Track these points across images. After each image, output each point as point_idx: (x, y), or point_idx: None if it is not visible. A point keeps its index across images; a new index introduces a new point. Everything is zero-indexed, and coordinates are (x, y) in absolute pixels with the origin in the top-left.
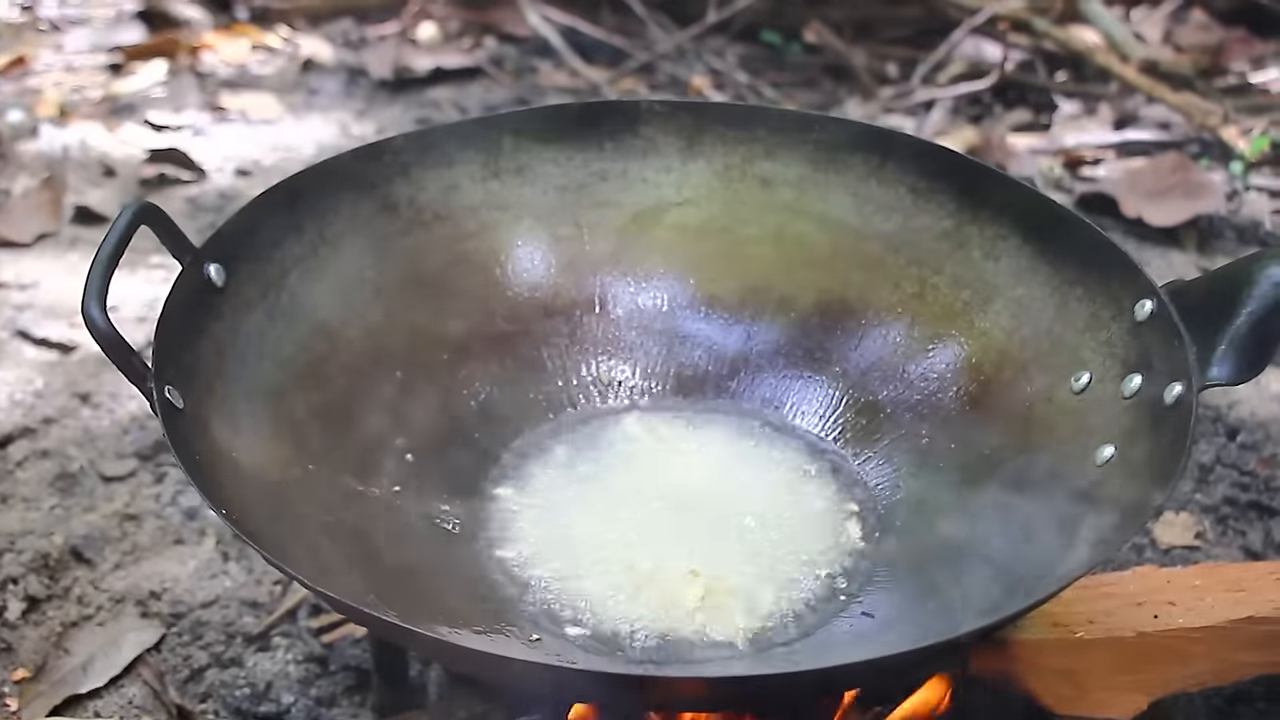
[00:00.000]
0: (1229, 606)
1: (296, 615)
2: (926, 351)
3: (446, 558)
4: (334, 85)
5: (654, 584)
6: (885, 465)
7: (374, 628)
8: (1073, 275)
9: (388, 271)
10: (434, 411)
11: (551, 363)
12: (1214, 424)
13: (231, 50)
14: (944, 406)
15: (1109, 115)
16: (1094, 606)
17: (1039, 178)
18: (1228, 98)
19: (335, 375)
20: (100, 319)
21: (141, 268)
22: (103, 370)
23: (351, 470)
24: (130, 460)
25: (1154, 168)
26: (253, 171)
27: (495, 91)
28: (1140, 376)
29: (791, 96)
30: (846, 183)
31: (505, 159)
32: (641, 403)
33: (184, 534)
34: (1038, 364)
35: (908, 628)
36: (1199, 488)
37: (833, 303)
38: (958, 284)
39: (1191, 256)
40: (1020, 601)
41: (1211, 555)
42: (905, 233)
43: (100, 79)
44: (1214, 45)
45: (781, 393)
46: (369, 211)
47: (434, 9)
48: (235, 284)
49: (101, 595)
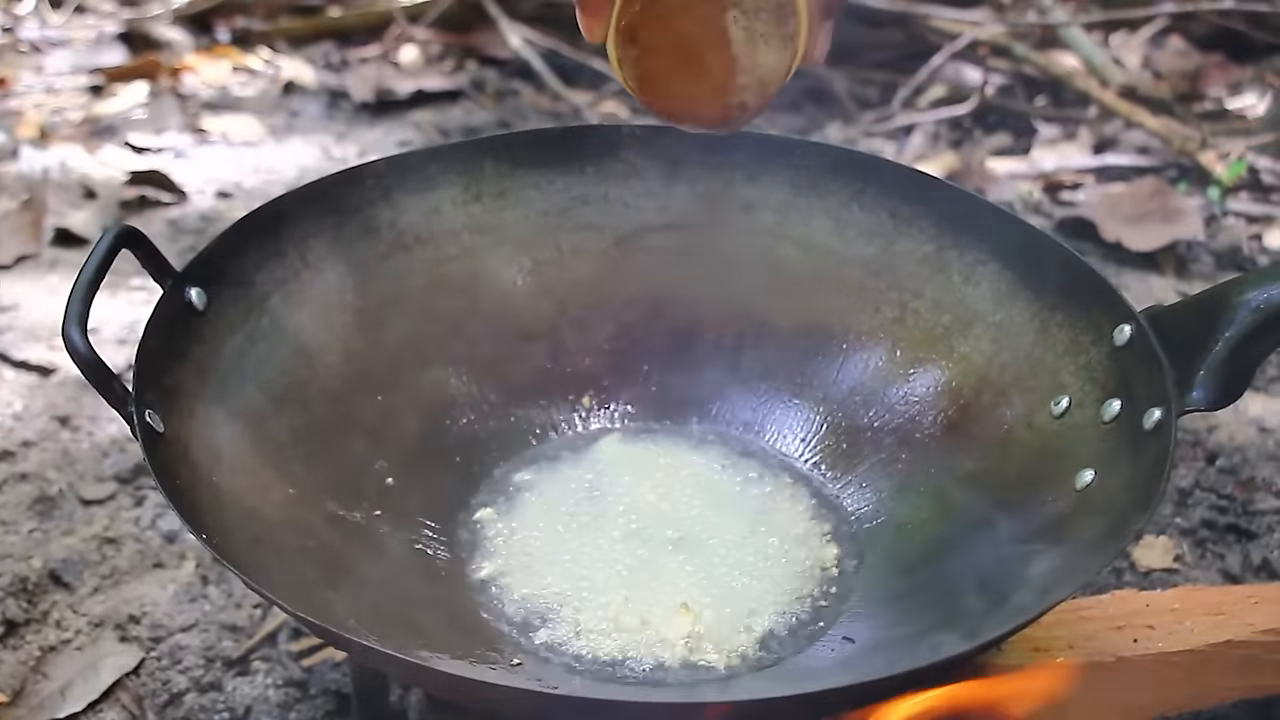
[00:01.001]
0: (1208, 630)
1: (276, 639)
2: (907, 376)
3: (427, 582)
4: (315, 108)
5: (637, 610)
6: (866, 489)
7: (354, 652)
8: (1052, 300)
9: (369, 295)
10: (415, 435)
11: (533, 386)
12: (1193, 448)
13: (213, 72)
14: (924, 430)
15: (1088, 140)
16: (1074, 630)
17: (1019, 202)
18: (1205, 123)
19: (316, 399)
20: (81, 343)
21: (122, 290)
22: (83, 393)
23: (332, 494)
24: (110, 483)
25: (1133, 192)
26: (234, 194)
27: (477, 114)
28: (1119, 401)
29: (773, 120)
30: (828, 208)
31: (486, 183)
32: (623, 426)
33: (163, 558)
34: (1018, 388)
35: (889, 652)
36: (1178, 511)
37: (814, 327)
38: (938, 309)
39: (1170, 281)
40: (1001, 626)
41: (1190, 578)
42: (886, 257)
43: (81, 101)
44: (1192, 71)
45: (763, 417)
46: (350, 235)
47: (415, 32)
48: (216, 307)
49: (80, 619)
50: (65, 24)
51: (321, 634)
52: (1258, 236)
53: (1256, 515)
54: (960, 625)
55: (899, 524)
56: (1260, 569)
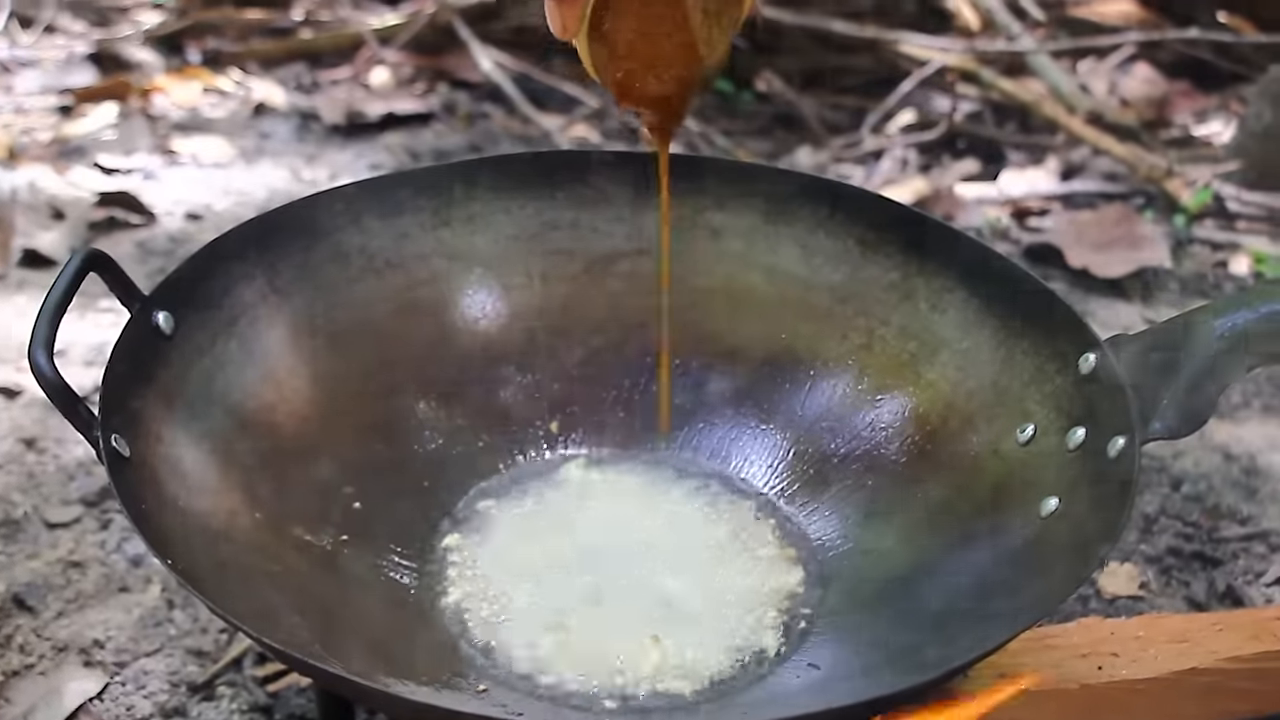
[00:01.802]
0: (1173, 658)
1: (241, 664)
2: (874, 402)
3: (393, 607)
4: (286, 130)
5: (604, 637)
6: (833, 515)
7: (319, 678)
8: (1018, 328)
9: (338, 319)
10: (383, 460)
11: (501, 412)
12: (1158, 475)
13: (183, 93)
14: (891, 457)
15: (1055, 166)
16: (1040, 658)
17: (986, 228)
18: (1171, 150)
19: (284, 423)
20: (47, 366)
21: (90, 311)
22: (49, 416)
23: (299, 519)
24: (75, 507)
25: (1099, 219)
26: (203, 215)
27: (447, 137)
28: (1084, 429)
29: (743, 145)
30: (795, 234)
31: (456, 207)
32: (590, 452)
33: (128, 582)
34: (983, 416)
35: (855, 679)
36: (1143, 538)
37: (781, 353)
38: (905, 335)
39: (1136, 308)
40: (968, 653)
41: (1155, 605)
42: (853, 284)
43: (50, 121)
44: (1158, 98)
45: (730, 443)
46: (320, 259)
47: (386, 55)
48: (184, 331)
49: (44, 644)
50: (35, 44)
51: (286, 660)
52: (1223, 264)
53: (1221, 543)
54: (926, 652)
55: (865, 550)
56: (1225, 596)
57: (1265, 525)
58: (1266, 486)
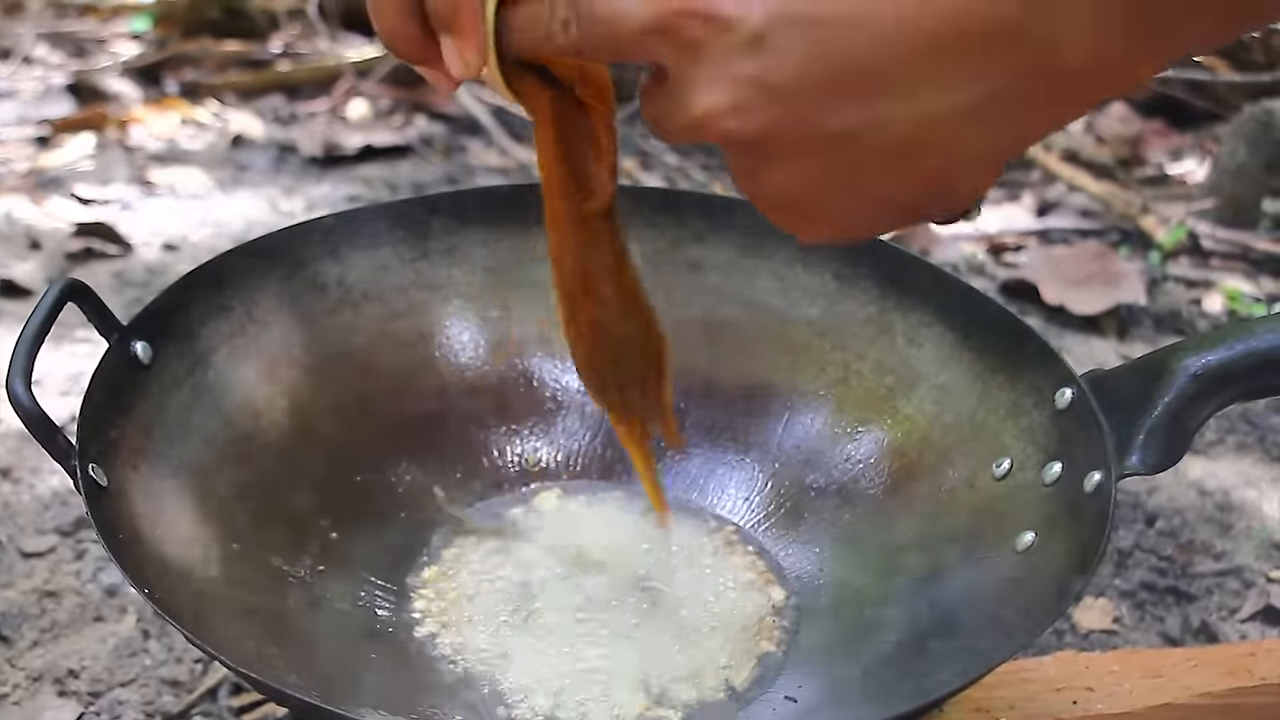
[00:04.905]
0: (1147, 693)
1: (217, 694)
2: (851, 436)
3: (369, 638)
4: (263, 161)
5: (581, 670)
6: (809, 548)
7: (294, 708)
8: (994, 363)
9: (315, 350)
10: (360, 492)
11: (478, 443)
12: (1133, 510)
13: (161, 124)
14: (868, 491)
15: (1031, 203)
16: (1014, 691)
17: (962, 263)
18: (1146, 188)
19: (261, 454)
20: (25, 396)
21: (66, 341)
22: (24, 445)
23: (275, 549)
24: (51, 536)
25: (1075, 256)
26: (180, 246)
27: (425, 169)
28: (1060, 464)
29: (720, 178)
30: (773, 267)
31: (434, 240)
32: (567, 484)
33: (104, 611)
34: (960, 450)
35: (830, 712)
36: (1118, 573)
37: (758, 386)
38: (881, 369)
39: (1112, 344)
40: (943, 686)
41: (1130, 640)
42: (830, 318)
43: (27, 152)
44: (1133, 136)
45: (707, 475)
46: (297, 290)
47: (364, 87)
48: (162, 361)
49: (18, 673)
50: (12, 75)
51: (263, 689)
52: (1197, 301)
53: (1196, 578)
54: (902, 686)
55: (841, 583)
56: (1199, 632)
57: (1239, 561)
58: (1240, 522)
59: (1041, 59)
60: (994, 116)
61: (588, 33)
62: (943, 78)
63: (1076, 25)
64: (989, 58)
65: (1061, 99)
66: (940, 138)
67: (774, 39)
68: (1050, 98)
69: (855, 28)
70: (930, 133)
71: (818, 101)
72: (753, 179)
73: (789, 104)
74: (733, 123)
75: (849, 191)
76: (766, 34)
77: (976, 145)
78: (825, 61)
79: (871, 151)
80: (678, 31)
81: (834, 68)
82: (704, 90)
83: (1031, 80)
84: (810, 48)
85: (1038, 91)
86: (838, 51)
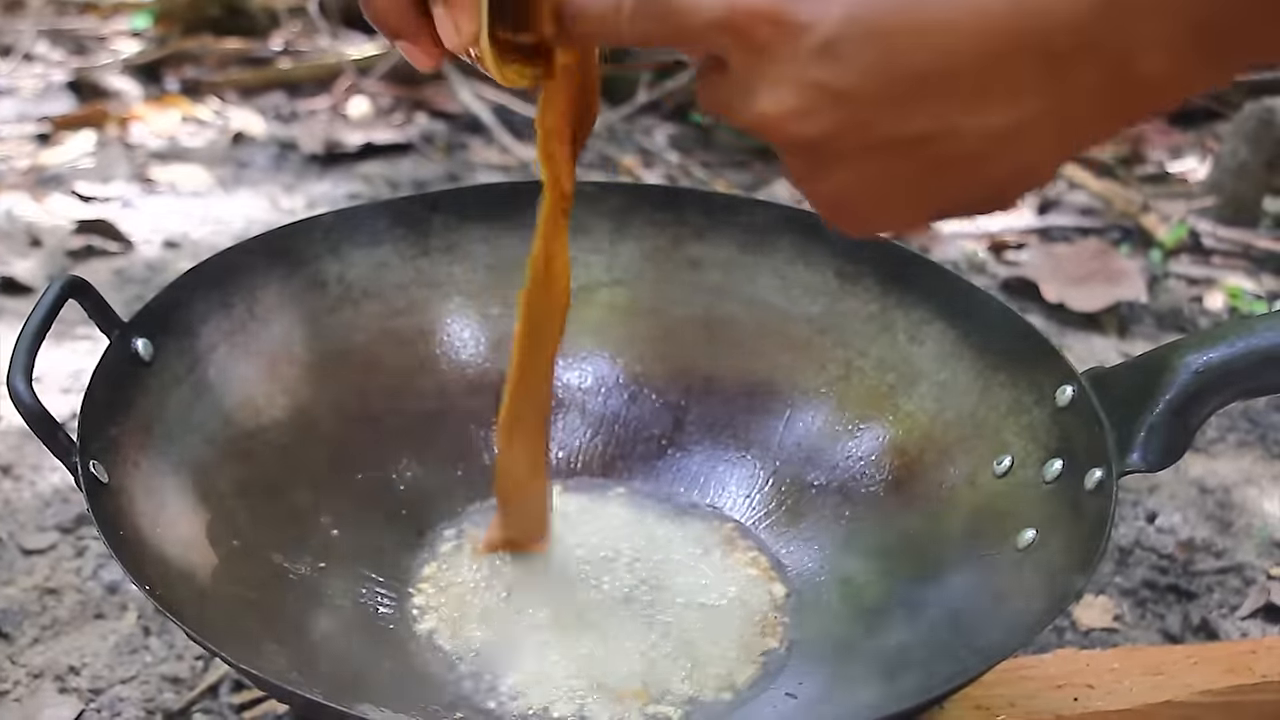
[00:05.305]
0: (1148, 690)
1: (218, 691)
2: (852, 433)
3: (371, 635)
4: (264, 159)
5: (581, 667)
6: (810, 545)
7: (296, 705)
8: (995, 360)
9: (316, 348)
10: (360, 489)
11: (479, 441)
12: (1134, 507)
13: (161, 122)
14: (869, 488)
15: (1032, 201)
16: (1015, 689)
17: (963, 261)
18: (1147, 186)
19: (261, 451)
20: (26, 393)
21: (67, 339)
22: (25, 442)
23: (276, 547)
24: (51, 533)
25: (1076, 253)
26: (181, 244)
27: (426, 167)
28: (1061, 461)
29: (721, 176)
30: (774, 265)
31: (435, 237)
32: (569, 481)
33: (104, 608)
34: (961, 447)
35: (831, 709)
36: (1118, 570)
37: (759, 384)
38: (883, 367)
39: (1112, 342)
40: (943, 684)
41: (1130, 638)
42: (831, 316)
43: (28, 149)
44: (1134, 134)
45: (708, 473)
46: (298, 288)
47: (365, 85)
48: (163, 359)
49: (19, 670)
50: (12, 72)
51: (264, 686)
52: (1198, 299)
53: (1196, 576)
54: (902, 683)
55: (842, 580)
56: (1199, 629)
57: (1239, 559)
58: (1241, 520)
59: (1114, 71)
60: (1062, 127)
61: (653, 24)
62: (1012, 91)
63: (1151, 36)
64: (1061, 72)
65: (1131, 107)
66: (1006, 149)
67: (844, 46)
68: (1120, 107)
69: (926, 38)
70: (997, 145)
71: (884, 110)
72: (810, 180)
73: (854, 111)
74: (795, 126)
75: (907, 196)
76: (837, 41)
77: (1041, 153)
78: (895, 71)
79: (935, 160)
80: (747, 31)
81: (903, 77)
82: (769, 92)
83: (1102, 92)
84: (881, 56)
85: (1108, 102)
86: (908, 61)
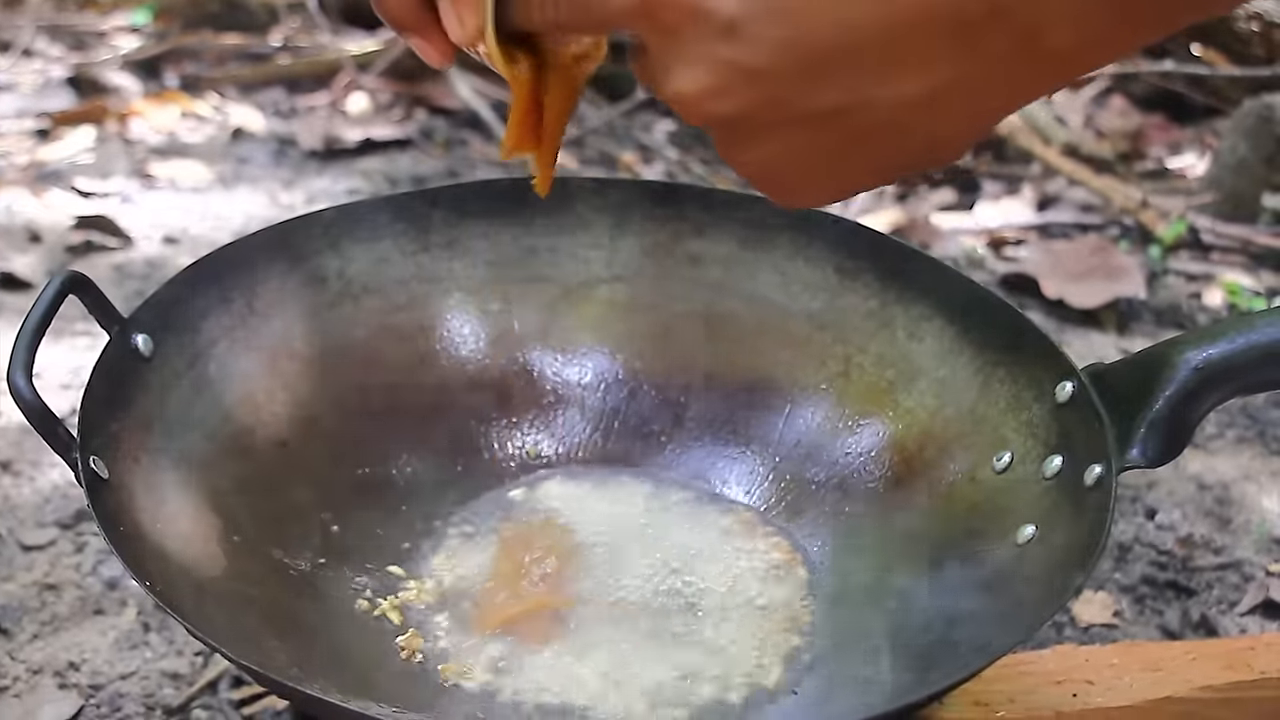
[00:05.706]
0: (1147, 686)
1: (218, 687)
2: (851, 429)
3: (372, 632)
4: (264, 154)
5: (586, 662)
6: (810, 541)
7: (296, 701)
8: (995, 356)
9: (316, 344)
10: (360, 483)
11: (479, 436)
12: (1133, 504)
13: (161, 118)
14: (869, 484)
15: (1031, 197)
16: (1014, 685)
17: (962, 258)
18: (1146, 182)
19: (261, 447)
20: (26, 389)
21: (66, 335)
22: (25, 438)
23: (276, 542)
24: (51, 529)
25: (1075, 250)
26: (180, 239)
27: (425, 163)
28: (1061, 457)
29: (720, 172)
30: (774, 261)
31: (435, 233)
32: (569, 476)
33: (104, 604)
34: (960, 443)
35: (832, 705)
36: (1118, 566)
37: (759, 380)
38: (882, 363)
39: (1112, 338)
40: (943, 680)
41: (1129, 634)
42: (831, 312)
43: (27, 145)
44: (1133, 130)
45: (708, 468)
46: (298, 284)
47: (364, 81)
48: (163, 354)
49: (19, 666)
50: (12, 68)
51: (264, 682)
52: (1197, 295)
53: (1195, 572)
54: (901, 679)
55: (843, 575)
56: (1199, 626)
57: (1238, 555)
58: (1240, 516)
59: (1026, 39)
60: (976, 95)
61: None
62: (924, 61)
63: (1060, 7)
64: (972, 40)
65: (1044, 76)
66: (922, 117)
67: (750, 26)
68: (1033, 75)
69: (829, 12)
70: (912, 114)
71: (796, 85)
72: (734, 154)
73: (767, 87)
74: (711, 105)
75: (831, 165)
76: (742, 21)
77: (957, 120)
78: (802, 47)
79: (853, 131)
80: (657, 15)
81: (811, 52)
82: (684, 72)
83: (1015, 60)
84: (787, 33)
85: (1020, 71)
86: (814, 37)
